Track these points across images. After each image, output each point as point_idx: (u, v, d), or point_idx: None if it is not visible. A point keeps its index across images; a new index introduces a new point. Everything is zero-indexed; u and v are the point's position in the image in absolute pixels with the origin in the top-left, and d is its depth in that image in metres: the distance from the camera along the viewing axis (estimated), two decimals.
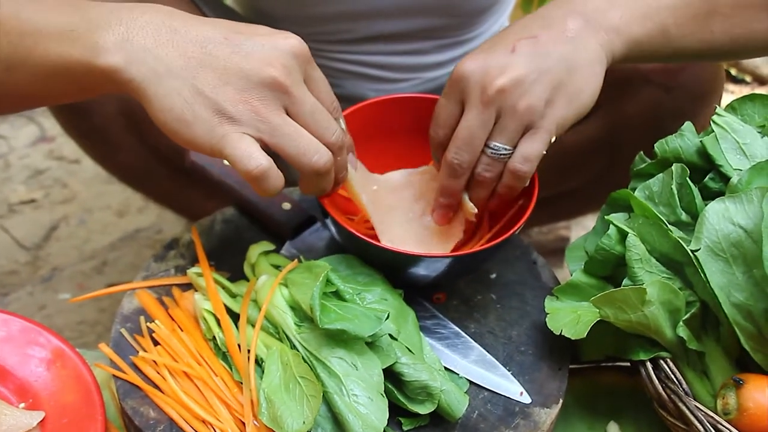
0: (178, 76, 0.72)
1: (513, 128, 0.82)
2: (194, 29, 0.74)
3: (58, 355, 0.82)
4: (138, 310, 0.88)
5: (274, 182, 0.74)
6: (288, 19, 1.21)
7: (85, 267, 1.70)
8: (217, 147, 0.73)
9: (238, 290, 0.87)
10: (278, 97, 0.74)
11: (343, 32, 1.20)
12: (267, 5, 1.21)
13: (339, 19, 1.18)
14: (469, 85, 0.82)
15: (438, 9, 1.17)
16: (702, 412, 0.77)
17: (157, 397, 0.81)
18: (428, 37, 1.22)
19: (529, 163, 0.83)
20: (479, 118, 0.82)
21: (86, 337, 1.55)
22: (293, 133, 0.75)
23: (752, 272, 0.77)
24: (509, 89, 0.81)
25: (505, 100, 0.81)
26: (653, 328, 0.80)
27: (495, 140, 0.83)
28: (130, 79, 0.72)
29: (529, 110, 0.81)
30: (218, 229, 0.98)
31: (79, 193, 1.87)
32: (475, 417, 0.82)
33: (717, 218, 0.78)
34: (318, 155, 0.76)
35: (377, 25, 1.18)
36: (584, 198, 1.34)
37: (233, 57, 0.73)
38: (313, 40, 1.23)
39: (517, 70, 0.81)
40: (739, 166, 0.84)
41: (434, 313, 0.90)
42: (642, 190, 0.86)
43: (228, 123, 0.73)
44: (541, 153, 0.83)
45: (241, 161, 0.72)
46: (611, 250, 0.84)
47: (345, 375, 0.77)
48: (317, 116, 0.76)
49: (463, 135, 0.83)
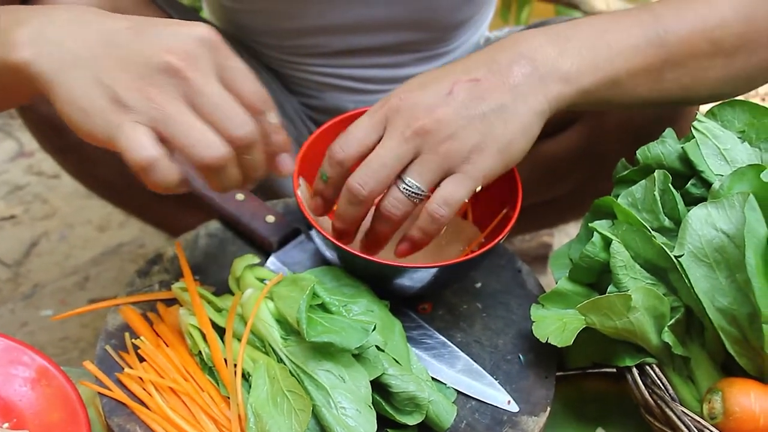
0: (82, 66, 0.70)
1: (430, 168, 0.79)
2: (106, 22, 0.73)
3: (43, 373, 0.82)
4: (122, 326, 0.88)
5: (164, 175, 0.69)
6: (267, 32, 1.22)
7: (67, 283, 1.68)
8: (112, 137, 0.70)
9: (223, 304, 0.86)
10: (177, 84, 0.70)
11: (321, 46, 1.21)
12: (245, 19, 1.22)
13: (317, 33, 1.19)
14: (394, 117, 0.80)
15: (415, 23, 1.17)
16: (689, 417, 0.77)
17: (144, 413, 0.80)
18: (406, 51, 1.22)
19: (448, 207, 0.79)
20: (395, 150, 0.79)
21: (69, 354, 1.54)
22: (186, 123, 0.70)
23: (735, 277, 0.78)
24: (433, 131, 0.78)
25: (426, 141, 0.78)
26: (639, 334, 0.80)
27: (409, 176, 0.79)
28: (39, 72, 0.71)
29: (450, 154, 0.78)
30: (202, 243, 0.98)
31: (60, 209, 1.85)
32: (463, 427, 0.82)
33: (700, 224, 0.79)
34: (210, 149, 0.69)
35: (356, 39, 1.19)
36: (566, 207, 1.35)
37: (134, 44, 0.71)
38: (292, 54, 1.24)
39: (445, 113, 0.79)
40: (720, 171, 0.85)
41: (420, 323, 0.90)
42: (625, 197, 0.86)
43: (123, 112, 0.69)
44: (462, 200, 0.79)
45: (129, 151, 0.69)
46: (595, 257, 0.84)
47: (332, 387, 0.76)
48: (221, 108, 0.70)
49: (373, 161, 0.79)
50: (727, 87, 0.90)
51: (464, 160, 0.79)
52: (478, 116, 0.79)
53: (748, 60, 0.88)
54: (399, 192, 0.80)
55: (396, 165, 0.79)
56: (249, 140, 0.72)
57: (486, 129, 0.79)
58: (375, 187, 0.79)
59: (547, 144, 1.17)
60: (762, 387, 0.78)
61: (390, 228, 0.83)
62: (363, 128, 0.81)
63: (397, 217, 0.81)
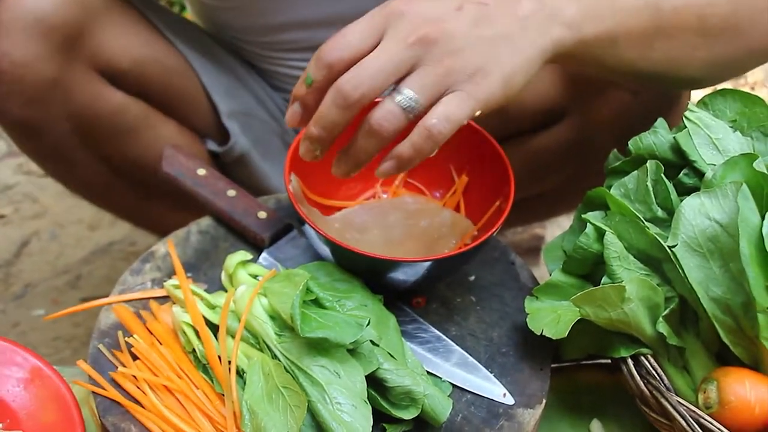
0: None
1: (430, 81, 0.73)
2: None
3: (36, 373, 0.81)
4: (115, 324, 0.87)
5: None
6: (246, 29, 1.22)
7: (59, 282, 1.68)
8: None
9: (216, 301, 0.86)
10: None
11: (300, 40, 1.20)
12: (225, 16, 1.22)
13: (296, 28, 1.18)
14: (398, 21, 0.75)
15: None
16: (684, 407, 0.77)
17: (138, 412, 0.80)
18: None
19: (449, 124, 0.73)
20: (395, 55, 0.73)
21: (62, 353, 1.53)
22: None
23: (729, 266, 0.78)
24: (439, 41, 0.73)
25: (429, 51, 0.73)
26: (633, 325, 0.80)
27: (407, 87, 0.73)
28: None
29: (454, 69, 0.74)
30: (194, 240, 0.97)
31: (50, 208, 1.85)
32: (459, 420, 0.82)
33: (693, 213, 0.79)
34: None
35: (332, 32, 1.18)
36: (558, 200, 1.35)
37: None
38: (272, 49, 1.24)
39: (454, 27, 0.74)
40: (712, 161, 0.85)
41: (414, 317, 0.90)
42: (617, 188, 0.86)
43: None
44: (463, 119, 0.74)
45: None
46: (589, 248, 0.84)
47: (328, 383, 0.76)
48: None
49: (370, 63, 0.73)
50: (710, 70, 0.91)
51: (468, 78, 0.74)
52: (486, 38, 0.75)
53: (730, 44, 0.89)
54: (393, 104, 0.74)
55: (394, 71, 0.74)
56: None
57: (492, 53, 0.75)
58: (368, 91, 0.73)
59: (537, 138, 1.17)
60: (757, 376, 0.78)
61: (376, 146, 0.76)
62: (359, 30, 0.76)
63: (387, 132, 0.74)
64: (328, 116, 0.75)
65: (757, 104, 0.89)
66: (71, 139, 1.14)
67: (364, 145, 0.76)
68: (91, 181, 1.22)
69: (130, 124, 1.16)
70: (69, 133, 1.13)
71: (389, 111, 0.74)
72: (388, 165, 0.77)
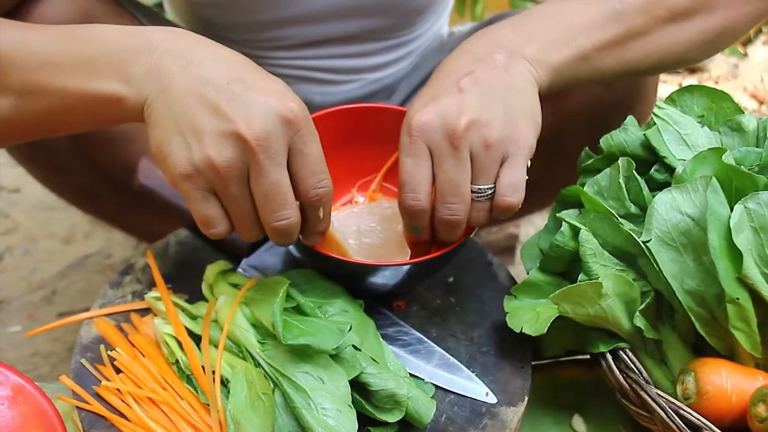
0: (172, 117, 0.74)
1: (491, 164, 0.80)
2: (207, 65, 0.75)
3: (18, 391, 0.81)
4: (97, 338, 0.87)
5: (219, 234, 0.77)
6: (229, 27, 1.21)
7: (35, 297, 1.66)
8: (185, 193, 0.75)
9: (197, 312, 0.86)
10: (242, 159, 0.73)
11: (284, 38, 1.20)
12: (208, 14, 1.21)
13: (279, 26, 1.19)
14: (435, 135, 0.79)
15: (375, 10, 1.18)
16: (663, 399, 0.79)
17: (124, 425, 0.80)
18: (369, 39, 1.22)
19: (517, 192, 0.81)
20: (458, 164, 0.79)
21: (40, 369, 1.52)
22: (239, 209, 0.76)
23: (702, 259, 0.79)
24: (476, 125, 0.79)
25: (475, 138, 0.79)
26: (611, 320, 0.81)
27: (478, 183, 0.80)
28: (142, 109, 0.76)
29: (501, 140, 0.79)
30: (173, 251, 0.97)
31: (22, 223, 1.83)
32: (443, 421, 0.82)
33: (665, 209, 0.80)
34: (248, 234, 0.77)
35: (318, 29, 1.19)
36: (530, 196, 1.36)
37: (223, 104, 0.73)
38: (258, 47, 1.23)
39: (475, 107, 0.80)
40: (682, 156, 0.86)
41: (395, 320, 0.91)
42: (591, 186, 0.88)
43: (193, 173, 0.73)
44: (524, 178, 0.81)
45: (201, 222, 0.77)
46: (565, 246, 0.85)
47: (312, 389, 0.77)
48: (271, 198, 0.75)
49: (449, 187, 0.80)
50: (692, 51, 0.93)
51: (510, 140, 0.80)
52: (496, 99, 0.81)
53: (708, 22, 0.91)
54: (476, 201, 0.81)
55: (466, 178, 0.80)
56: (284, 230, 0.76)
57: (509, 104, 0.81)
58: (464, 208, 0.80)
59: None
60: (733, 365, 0.79)
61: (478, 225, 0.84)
62: (414, 167, 0.80)
63: (485, 221, 0.82)
64: (448, 238, 0.83)
65: (723, 99, 0.91)
66: (66, 145, 1.14)
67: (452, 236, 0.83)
68: (80, 186, 1.22)
69: (124, 131, 1.16)
70: (64, 140, 1.13)
71: (478, 208, 0.81)
72: None
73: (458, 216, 0.80)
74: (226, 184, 0.73)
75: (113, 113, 0.78)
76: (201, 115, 0.73)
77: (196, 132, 0.73)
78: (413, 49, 1.27)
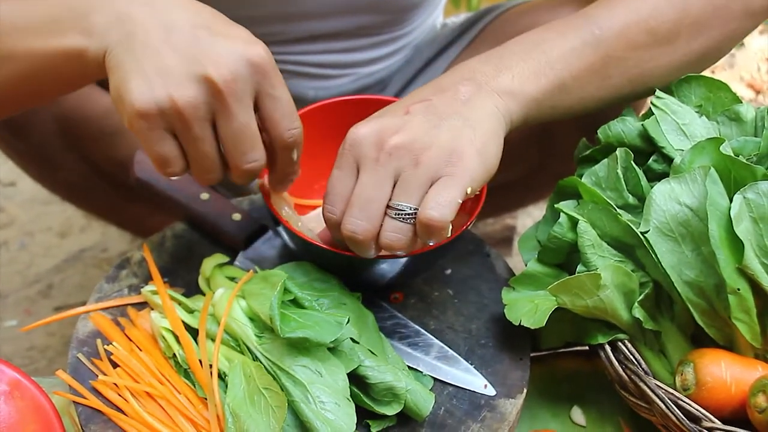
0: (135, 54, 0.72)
1: (417, 183, 0.75)
2: (172, 12, 0.74)
3: (15, 386, 0.80)
4: (94, 333, 0.87)
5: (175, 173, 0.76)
6: None
7: (31, 292, 1.66)
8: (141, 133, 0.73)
9: (194, 305, 0.86)
10: (210, 101, 0.72)
11: (276, 34, 1.20)
12: None
13: (271, 21, 1.18)
14: (362, 149, 0.77)
15: (367, 7, 1.17)
16: (662, 390, 0.79)
17: (121, 420, 0.79)
18: (362, 35, 1.22)
19: (442, 208, 0.74)
20: (374, 178, 0.76)
21: (37, 364, 1.52)
22: (201, 151, 0.74)
23: (701, 250, 0.79)
24: (407, 145, 0.76)
25: (403, 157, 0.75)
26: (609, 311, 0.81)
27: (396, 200, 0.76)
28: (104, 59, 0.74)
29: (431, 162, 0.75)
30: (169, 245, 0.97)
31: (18, 217, 1.82)
32: (442, 413, 0.82)
33: (664, 199, 0.80)
34: (209, 175, 0.76)
35: (310, 25, 1.18)
36: (526, 189, 1.36)
37: (190, 47, 0.73)
38: None
39: (413, 128, 0.77)
40: (680, 146, 0.86)
41: (393, 313, 0.91)
42: (588, 176, 0.87)
43: (157, 115, 0.72)
44: (455, 200, 0.74)
45: (156, 160, 0.75)
46: (563, 237, 0.85)
47: (310, 383, 0.76)
48: (240, 139, 0.74)
49: (356, 201, 0.76)
50: (675, 74, 0.91)
51: (446, 163, 0.75)
52: (444, 127, 0.77)
53: (690, 45, 0.89)
54: (392, 221, 0.76)
55: (380, 194, 0.76)
56: (250, 173, 0.76)
57: (456, 135, 0.77)
58: (368, 225, 0.76)
59: None
60: (732, 356, 0.79)
61: (404, 253, 0.79)
62: (337, 180, 0.79)
63: (402, 246, 0.76)
64: (359, 252, 0.78)
65: (721, 89, 0.91)
66: (56, 140, 1.13)
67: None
68: (73, 181, 1.22)
69: (116, 126, 1.16)
70: (55, 134, 1.13)
71: (393, 228, 0.76)
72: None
73: (357, 232, 0.76)
74: (188, 125, 0.72)
75: (76, 69, 0.77)
76: (166, 58, 0.72)
77: (159, 72, 0.71)
78: (406, 43, 1.27)
